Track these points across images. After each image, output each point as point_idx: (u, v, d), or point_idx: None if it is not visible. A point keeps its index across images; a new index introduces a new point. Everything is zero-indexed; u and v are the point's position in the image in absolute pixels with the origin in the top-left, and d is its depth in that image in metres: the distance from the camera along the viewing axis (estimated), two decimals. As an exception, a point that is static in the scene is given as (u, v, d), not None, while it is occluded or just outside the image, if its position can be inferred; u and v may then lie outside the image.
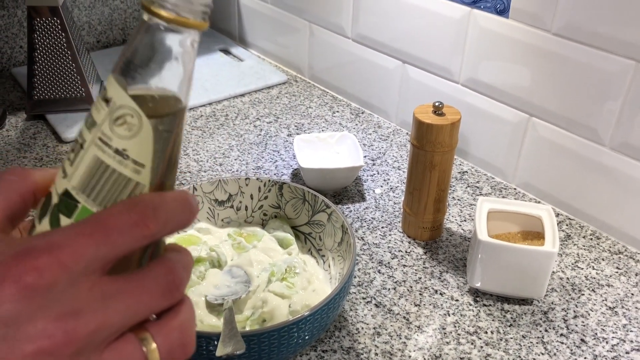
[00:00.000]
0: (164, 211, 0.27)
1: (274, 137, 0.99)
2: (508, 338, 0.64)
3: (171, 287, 0.27)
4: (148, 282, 0.26)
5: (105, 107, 0.27)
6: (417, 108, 0.72)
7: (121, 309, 0.25)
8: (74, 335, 0.24)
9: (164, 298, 0.27)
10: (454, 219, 0.82)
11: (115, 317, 0.25)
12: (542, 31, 0.77)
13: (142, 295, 0.26)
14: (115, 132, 0.26)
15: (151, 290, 0.26)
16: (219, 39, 1.30)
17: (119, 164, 0.27)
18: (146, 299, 0.26)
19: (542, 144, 0.83)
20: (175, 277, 0.27)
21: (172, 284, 0.27)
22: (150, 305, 0.26)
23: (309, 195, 0.69)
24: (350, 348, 0.63)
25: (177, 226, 0.27)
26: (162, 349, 0.26)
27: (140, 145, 0.27)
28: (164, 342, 0.27)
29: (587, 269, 0.74)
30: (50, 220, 0.28)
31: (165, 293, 0.27)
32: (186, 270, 0.28)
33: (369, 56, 1.03)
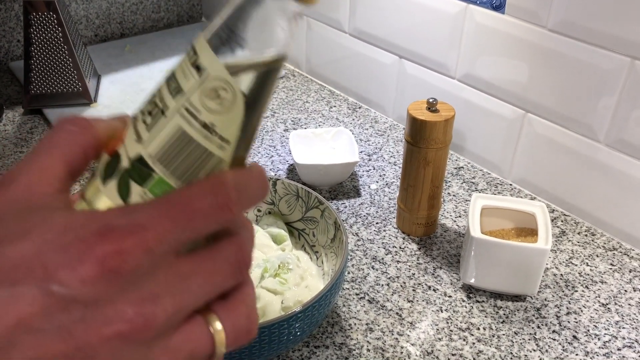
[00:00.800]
0: (246, 192, 0.26)
1: (271, 132, 0.99)
2: (500, 334, 0.64)
3: (241, 266, 0.26)
4: (220, 262, 0.26)
5: (196, 75, 0.24)
6: (411, 105, 0.72)
7: (195, 291, 0.25)
8: (153, 321, 0.23)
9: (234, 277, 0.26)
10: (449, 215, 0.82)
11: (190, 299, 0.25)
12: (538, 27, 0.77)
13: (214, 275, 0.25)
14: (205, 105, 0.24)
15: (223, 270, 0.26)
16: (216, 33, 1.30)
17: (205, 139, 0.25)
18: (218, 279, 0.25)
19: (538, 140, 0.83)
20: (245, 255, 0.26)
21: (242, 263, 0.26)
22: (221, 285, 0.26)
23: (302, 192, 0.69)
24: (342, 344, 0.63)
25: (253, 205, 0.27)
26: (229, 332, 0.26)
27: (230, 122, 0.25)
28: (232, 326, 0.26)
29: (582, 266, 0.74)
30: (118, 184, 0.26)
31: (236, 272, 0.26)
32: (252, 246, 0.27)
33: (366, 51, 1.02)
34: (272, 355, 0.56)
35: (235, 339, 0.26)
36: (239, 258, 0.26)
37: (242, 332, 0.27)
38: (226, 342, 0.26)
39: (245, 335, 0.27)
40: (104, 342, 0.22)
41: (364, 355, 0.62)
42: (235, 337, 0.26)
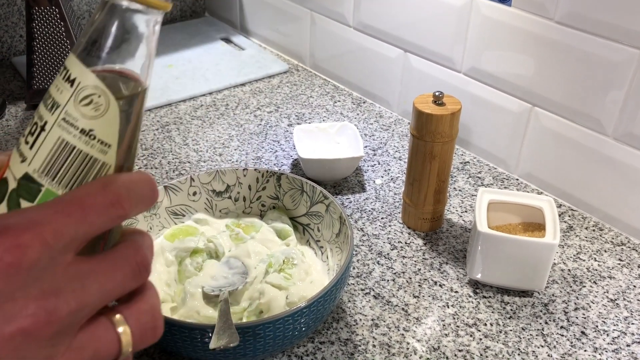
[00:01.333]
0: (135, 192, 0.27)
1: (275, 127, 0.98)
2: (507, 330, 0.64)
3: (140, 268, 0.27)
4: (120, 263, 0.26)
5: (70, 87, 0.26)
6: (417, 98, 0.71)
7: (97, 289, 0.25)
8: (55, 315, 0.23)
9: (134, 278, 0.27)
10: (455, 210, 0.81)
11: (92, 297, 0.25)
12: (545, 19, 0.76)
13: (115, 274, 0.26)
14: (81, 113, 0.26)
15: (123, 270, 0.26)
16: (220, 28, 1.29)
17: (85, 145, 0.27)
18: (119, 279, 0.26)
19: (545, 134, 0.82)
20: (143, 257, 0.27)
21: (142, 265, 0.27)
22: (122, 285, 0.26)
23: (307, 186, 0.68)
24: (347, 340, 0.62)
25: (145, 207, 0.28)
26: (134, 331, 0.27)
27: (107, 125, 0.27)
28: (136, 325, 0.27)
29: (589, 261, 0.73)
30: (8, 206, 0.27)
31: (136, 273, 0.27)
32: (150, 251, 0.28)
33: (370, 45, 1.01)
34: (277, 350, 0.56)
35: (142, 338, 0.27)
36: (138, 260, 0.27)
37: (147, 331, 0.27)
38: (132, 341, 0.27)
39: (151, 333, 0.28)
40: (6, 341, 0.23)
41: (370, 351, 0.61)
42: (141, 335, 0.27)
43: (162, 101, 1.02)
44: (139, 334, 0.27)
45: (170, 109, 1.02)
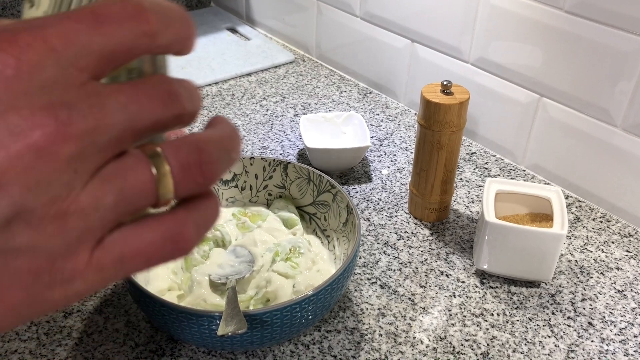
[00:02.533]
0: (165, 13, 0.22)
1: (280, 117, 0.98)
2: (514, 320, 0.64)
3: (171, 96, 0.22)
4: (145, 87, 0.22)
5: None
6: (425, 87, 0.71)
7: (119, 109, 0.21)
8: (69, 128, 0.20)
9: (165, 106, 0.22)
10: (462, 201, 0.81)
11: (115, 118, 0.21)
12: (554, 9, 0.75)
13: (140, 98, 0.22)
14: None
15: (150, 95, 0.22)
16: (225, 18, 1.29)
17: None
18: (145, 103, 0.22)
19: (553, 125, 0.81)
20: (172, 87, 0.23)
21: (172, 93, 0.23)
22: (150, 111, 0.22)
23: (314, 176, 0.68)
24: (354, 329, 0.62)
25: (179, 38, 0.23)
26: (174, 165, 0.22)
27: None
28: (176, 158, 0.22)
29: (597, 252, 0.73)
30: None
31: (166, 100, 0.22)
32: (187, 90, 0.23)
33: (377, 35, 1.01)
34: (283, 339, 0.56)
35: (185, 175, 0.22)
36: (167, 88, 0.23)
37: (192, 167, 0.23)
38: (173, 181, 0.22)
39: (196, 170, 0.23)
40: (15, 159, 0.19)
41: (376, 340, 0.61)
42: (183, 172, 0.22)
43: (168, 90, 1.02)
44: (180, 170, 0.22)
45: (176, 99, 1.02)
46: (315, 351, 0.60)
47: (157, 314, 0.53)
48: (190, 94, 0.24)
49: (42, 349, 0.59)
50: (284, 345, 0.60)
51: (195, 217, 0.23)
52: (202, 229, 0.24)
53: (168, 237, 0.23)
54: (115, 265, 0.22)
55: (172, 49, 0.23)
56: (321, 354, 0.59)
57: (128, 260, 0.23)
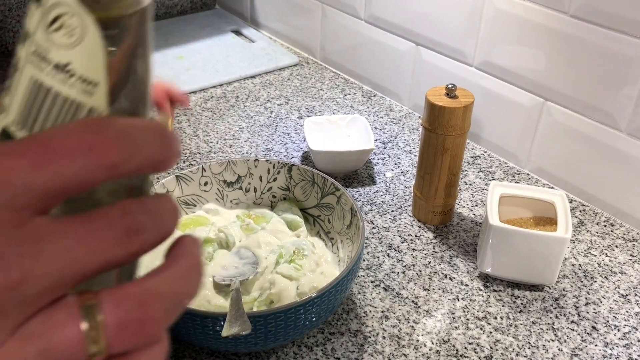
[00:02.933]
0: (131, 138, 0.19)
1: (285, 120, 0.98)
2: (518, 324, 0.64)
3: (130, 232, 0.20)
4: (99, 222, 0.19)
5: (36, 8, 0.20)
6: (430, 90, 0.71)
7: (59, 255, 0.18)
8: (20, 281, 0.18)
9: (120, 246, 0.19)
10: (465, 204, 0.81)
11: (51, 266, 0.18)
12: (559, 13, 0.76)
13: (88, 238, 0.19)
14: (52, 41, 0.19)
15: (103, 232, 0.19)
16: (230, 20, 1.29)
17: (63, 84, 0.20)
18: (95, 244, 0.19)
19: (557, 129, 0.81)
20: (135, 220, 0.20)
21: (132, 229, 0.20)
22: (101, 253, 0.19)
23: (318, 178, 0.68)
24: (357, 331, 0.62)
25: (150, 160, 0.20)
26: (109, 323, 0.19)
27: (88, 56, 0.20)
28: (114, 313, 0.19)
29: (600, 256, 0.73)
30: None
31: (122, 240, 0.19)
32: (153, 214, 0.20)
33: (381, 38, 1.01)
34: (286, 340, 0.56)
35: (120, 333, 0.19)
36: (128, 222, 0.20)
37: (130, 324, 0.19)
38: (106, 338, 0.19)
39: (134, 328, 0.20)
40: None
41: (380, 343, 0.61)
42: (119, 329, 0.19)
43: (172, 92, 1.02)
44: (116, 329, 0.19)
45: (181, 100, 1.02)
46: (318, 353, 0.60)
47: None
48: (160, 223, 0.21)
49: (47, 349, 0.59)
50: (287, 347, 0.60)
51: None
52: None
53: None
54: None
55: (143, 172, 0.21)
56: (324, 356, 0.60)
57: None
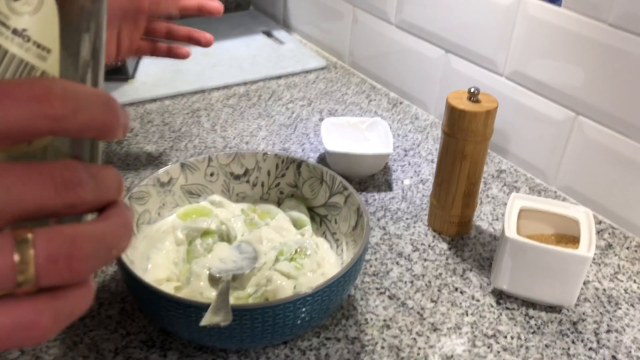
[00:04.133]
0: (75, 97, 0.22)
1: (305, 121, 0.95)
2: (529, 345, 0.59)
3: (67, 184, 0.22)
4: (40, 170, 0.22)
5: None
6: (452, 93, 0.67)
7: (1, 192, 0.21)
8: None
9: (58, 194, 0.22)
10: (485, 217, 0.77)
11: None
12: (597, 21, 0.71)
13: (29, 180, 0.21)
14: (12, 9, 0.23)
15: (42, 179, 0.21)
16: (262, 21, 1.28)
17: (19, 48, 0.23)
18: (32, 188, 0.21)
19: (589, 146, 0.77)
20: (74, 176, 0.22)
21: (70, 181, 0.22)
22: (39, 196, 0.21)
23: (327, 176, 0.65)
24: (355, 338, 0.59)
25: (92, 123, 0.22)
26: (40, 255, 0.21)
27: (44, 24, 0.23)
28: (45, 248, 0.21)
29: (628, 282, 0.67)
30: None
31: (60, 188, 0.22)
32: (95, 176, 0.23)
33: (411, 44, 0.98)
34: (276, 340, 0.53)
35: (48, 267, 0.21)
36: (66, 175, 0.22)
37: (59, 257, 0.21)
38: (35, 270, 0.21)
39: (65, 262, 0.22)
40: None
41: (378, 353, 0.57)
42: (48, 263, 0.21)
43: (195, 87, 1.01)
44: (45, 260, 0.21)
45: (203, 96, 1.01)
46: (311, 358, 0.56)
47: (146, 300, 0.50)
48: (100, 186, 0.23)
49: (32, 329, 0.58)
50: (279, 348, 0.57)
51: (58, 306, 0.22)
52: (63, 319, 0.23)
53: (20, 324, 0.21)
54: None
55: (86, 134, 0.23)
56: (317, 361, 0.56)
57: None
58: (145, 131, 0.90)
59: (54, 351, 0.56)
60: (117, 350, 0.56)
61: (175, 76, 1.03)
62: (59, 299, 0.22)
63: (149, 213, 0.63)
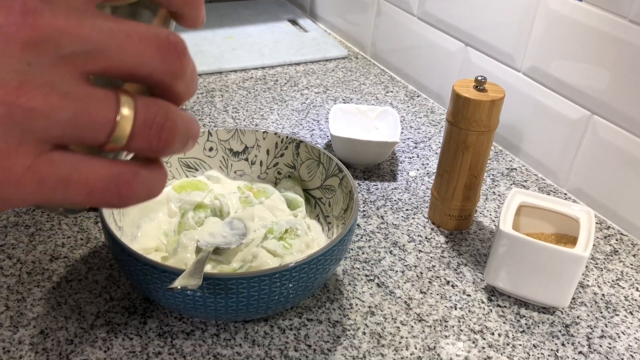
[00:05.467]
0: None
1: (318, 107, 0.95)
2: (516, 344, 0.57)
3: (172, 49, 0.23)
4: (144, 28, 0.22)
5: None
6: (458, 81, 0.66)
7: (100, 31, 0.21)
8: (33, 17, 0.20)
9: (160, 53, 0.22)
10: (488, 214, 0.75)
11: (91, 33, 0.21)
12: (617, 17, 0.69)
13: (132, 32, 0.22)
14: None
15: (146, 35, 0.22)
16: (289, 9, 1.28)
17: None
18: (136, 40, 0.22)
19: (603, 147, 0.74)
20: (180, 44, 0.23)
21: (175, 47, 0.23)
22: (141, 51, 0.22)
23: (324, 157, 0.65)
24: (337, 322, 0.58)
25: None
26: (138, 118, 0.22)
27: None
28: (144, 112, 0.22)
29: (630, 289, 0.65)
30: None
31: (164, 50, 0.22)
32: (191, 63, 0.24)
33: (432, 36, 0.97)
34: (252, 313, 0.52)
35: (144, 128, 0.22)
36: (172, 39, 0.23)
37: (154, 125, 0.22)
38: (132, 129, 0.22)
39: (156, 130, 0.23)
40: None
41: (358, 338, 0.56)
42: (143, 125, 0.22)
43: (213, 68, 1.02)
44: (142, 124, 0.22)
45: (220, 77, 1.02)
46: (290, 337, 0.56)
47: (124, 262, 0.51)
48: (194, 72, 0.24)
49: (20, 287, 0.59)
50: (259, 324, 0.57)
51: (146, 176, 0.23)
52: (147, 191, 0.24)
53: (116, 181, 0.22)
54: (56, 184, 0.21)
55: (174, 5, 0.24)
56: (295, 340, 0.55)
57: (72, 185, 0.22)
58: (158, 107, 0.91)
59: (38, 309, 0.56)
60: (99, 314, 0.56)
61: (194, 57, 1.03)
62: (147, 169, 0.24)
63: (143, 182, 0.63)
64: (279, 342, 0.55)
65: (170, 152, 0.24)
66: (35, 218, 0.68)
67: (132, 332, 0.55)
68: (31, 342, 0.53)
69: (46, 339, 0.54)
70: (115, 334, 0.55)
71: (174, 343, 0.54)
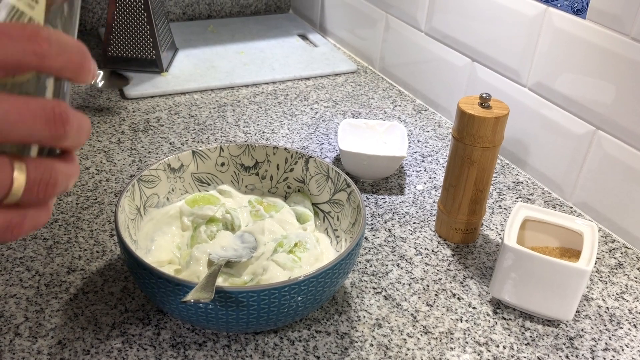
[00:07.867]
0: (59, 42, 0.26)
1: (327, 122, 0.97)
2: (521, 356, 0.58)
3: (57, 119, 0.26)
4: (34, 104, 0.26)
5: None
6: (464, 98, 0.67)
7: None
8: None
9: (47, 126, 0.26)
10: (494, 227, 0.76)
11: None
12: (620, 35, 0.70)
13: (24, 110, 0.25)
14: None
15: (35, 111, 0.26)
16: (299, 24, 1.31)
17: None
18: (26, 117, 0.25)
19: (608, 162, 0.75)
20: (64, 113, 0.27)
21: (60, 117, 0.26)
22: (30, 126, 0.26)
23: (332, 172, 0.66)
24: (345, 334, 0.59)
25: (70, 64, 0.27)
26: (29, 179, 0.27)
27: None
28: (33, 174, 0.27)
29: (634, 303, 0.66)
30: None
31: (50, 121, 0.26)
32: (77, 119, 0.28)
33: (439, 51, 0.98)
34: (263, 326, 0.54)
35: (33, 188, 0.27)
36: (57, 112, 0.26)
37: (41, 183, 0.27)
38: (24, 189, 0.27)
39: (43, 186, 0.28)
40: None
41: (366, 350, 0.58)
42: (33, 185, 0.27)
43: (225, 83, 1.04)
44: (32, 183, 0.27)
45: (232, 92, 1.04)
46: (299, 348, 0.57)
47: (138, 275, 0.52)
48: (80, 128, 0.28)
49: (39, 298, 0.61)
50: (269, 336, 0.58)
51: (33, 215, 0.29)
52: (33, 226, 0.29)
53: (9, 224, 0.28)
54: None
55: (64, 74, 0.27)
56: (304, 352, 0.57)
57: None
58: (171, 122, 0.93)
59: (56, 320, 0.58)
60: (114, 325, 0.58)
61: (206, 72, 1.07)
62: (34, 210, 0.29)
63: (157, 196, 0.65)
64: (288, 354, 0.57)
65: (54, 197, 0.29)
66: (53, 231, 0.70)
67: (146, 343, 0.57)
68: (49, 352, 0.55)
69: (64, 349, 0.55)
70: (130, 344, 0.56)
71: (187, 354, 0.56)
